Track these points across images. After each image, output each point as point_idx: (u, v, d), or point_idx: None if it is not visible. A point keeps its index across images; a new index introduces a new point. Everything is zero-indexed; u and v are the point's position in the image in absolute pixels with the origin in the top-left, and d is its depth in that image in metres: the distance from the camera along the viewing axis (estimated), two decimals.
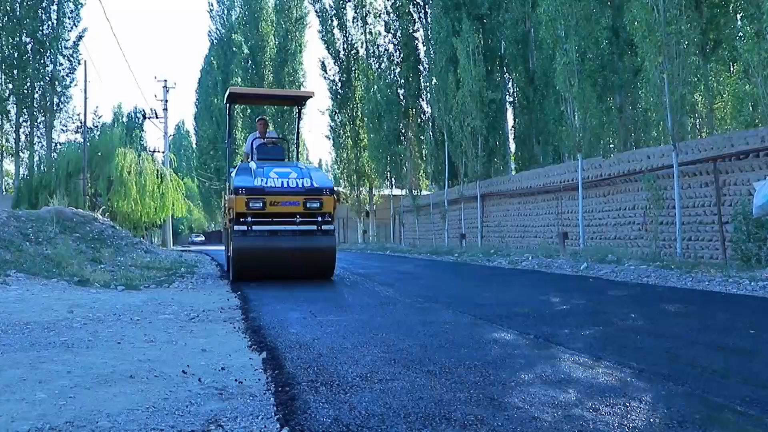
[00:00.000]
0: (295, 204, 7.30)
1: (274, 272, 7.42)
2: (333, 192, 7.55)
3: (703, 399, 2.22)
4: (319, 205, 7.36)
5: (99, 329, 3.96)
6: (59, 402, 2.23)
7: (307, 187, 7.35)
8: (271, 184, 7.24)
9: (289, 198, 7.28)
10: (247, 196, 7.11)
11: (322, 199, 7.38)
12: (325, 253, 7.59)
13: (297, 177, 7.44)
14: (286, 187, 7.30)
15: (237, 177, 7.40)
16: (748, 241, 8.35)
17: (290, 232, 7.33)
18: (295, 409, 2.10)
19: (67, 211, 11.77)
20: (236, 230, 7.19)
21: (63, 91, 24.32)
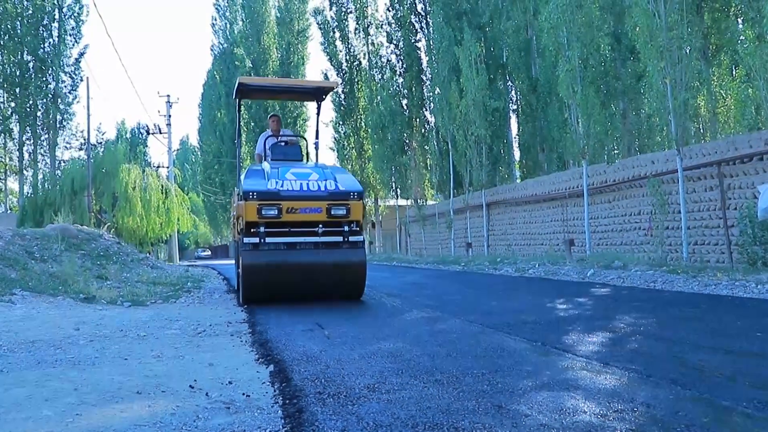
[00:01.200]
0: (317, 211, 6.15)
1: (290, 293, 6.30)
2: (362, 197, 6.36)
3: (710, 402, 2.20)
4: (345, 212, 6.20)
5: (105, 346, 3.97)
6: (66, 419, 2.24)
7: (331, 191, 6.18)
8: (287, 188, 6.12)
9: (310, 204, 6.13)
10: (259, 202, 5.97)
11: (350, 205, 6.22)
12: (354, 269, 6.36)
13: (319, 179, 6.32)
14: (306, 190, 6.16)
15: (247, 180, 6.29)
16: (754, 244, 8.31)
17: (311, 245, 6.19)
18: (302, 422, 2.10)
19: (72, 229, 11.82)
20: (246, 243, 6.03)
21: (66, 108, 24.54)
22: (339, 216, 6.19)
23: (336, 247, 6.26)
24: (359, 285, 6.48)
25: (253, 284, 6.19)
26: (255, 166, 7.09)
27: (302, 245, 6.17)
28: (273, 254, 6.06)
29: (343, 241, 6.25)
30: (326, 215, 6.16)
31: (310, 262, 6.17)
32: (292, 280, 6.17)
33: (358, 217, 6.31)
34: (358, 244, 6.35)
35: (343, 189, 6.26)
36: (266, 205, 5.99)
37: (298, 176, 6.32)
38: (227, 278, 12.63)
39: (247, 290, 6.26)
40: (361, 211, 6.34)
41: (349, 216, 6.23)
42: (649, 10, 10.21)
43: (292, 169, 6.46)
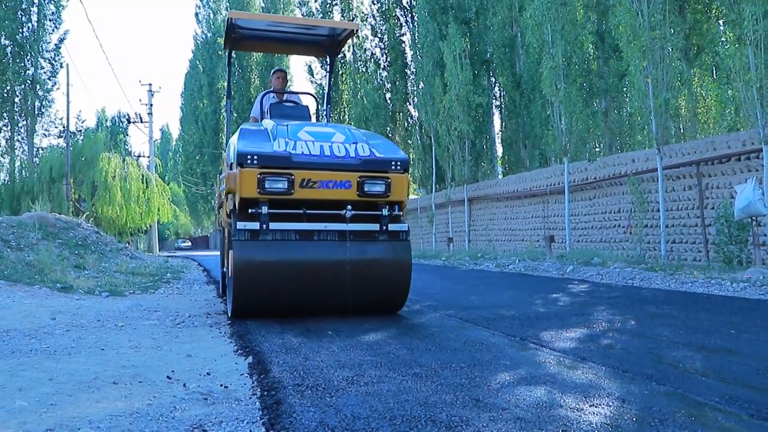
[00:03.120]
0: (344, 186, 4.29)
1: (303, 305, 4.45)
2: (407, 168, 4.54)
3: (684, 398, 2.25)
4: (384, 189, 4.37)
5: (82, 336, 3.92)
6: (40, 409, 2.21)
7: (365, 158, 4.37)
8: (302, 151, 4.27)
9: (334, 175, 4.27)
10: (260, 170, 4.12)
11: (390, 179, 4.38)
12: (395, 271, 4.50)
13: (346, 141, 4.50)
14: (330, 156, 4.31)
15: (243, 140, 4.34)
16: (730, 243, 8.47)
17: (335, 235, 4.35)
18: (280, 413, 2.09)
19: (50, 217, 11.63)
20: (240, 230, 4.15)
21: (45, 95, 24.01)
22: (375, 194, 4.35)
23: (370, 239, 4.45)
24: (400, 294, 4.59)
25: (248, 291, 4.22)
26: (251, 125, 5.24)
27: (322, 235, 4.32)
28: (279, 247, 4.23)
29: (380, 231, 4.43)
30: (357, 192, 4.31)
31: (333, 261, 4.31)
32: (305, 286, 4.29)
33: (402, 197, 4.46)
34: (400, 235, 4.50)
35: (382, 156, 4.42)
36: (272, 174, 4.12)
37: (316, 137, 4.46)
38: (207, 269, 12.55)
39: (239, 299, 4.29)
40: (406, 188, 4.51)
41: (389, 194, 4.38)
42: (633, 9, 10.31)
43: (306, 127, 4.61)
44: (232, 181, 4.26)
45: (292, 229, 4.27)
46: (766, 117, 8.27)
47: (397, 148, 4.77)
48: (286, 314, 4.42)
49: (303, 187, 4.20)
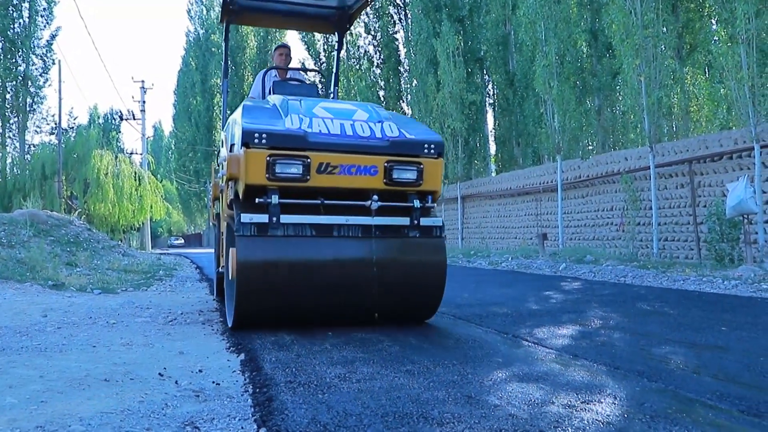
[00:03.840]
0: (369, 172, 3.66)
1: (318, 313, 3.79)
2: (442, 152, 3.86)
3: (675, 394, 2.26)
4: (416, 177, 3.72)
5: (74, 333, 3.90)
6: (30, 407, 2.19)
7: (394, 139, 3.72)
8: (319, 129, 3.66)
9: (358, 159, 3.63)
10: (270, 152, 3.48)
11: (423, 165, 3.74)
12: (429, 274, 3.85)
13: (369, 119, 3.86)
14: (353, 136, 3.69)
15: (248, 117, 3.70)
16: (722, 241, 8.52)
17: (358, 230, 3.71)
18: (272, 410, 2.09)
19: (42, 214, 11.56)
20: (244, 223, 3.50)
21: (36, 91, 23.84)
22: (405, 182, 3.71)
23: (399, 236, 3.79)
24: (433, 300, 3.91)
25: (253, 298, 3.54)
26: (255, 101, 4.54)
27: (343, 230, 3.68)
28: (292, 245, 3.57)
29: (410, 226, 3.78)
30: (384, 180, 3.67)
31: (357, 261, 3.68)
32: (323, 293, 3.64)
33: (436, 186, 3.83)
34: (433, 230, 3.84)
35: (413, 137, 3.77)
36: (283, 156, 3.48)
37: (335, 114, 3.84)
38: (200, 267, 12.52)
39: (242, 307, 3.58)
40: (441, 175, 3.88)
41: (420, 183, 3.73)
42: (626, 7, 10.35)
43: (322, 103, 3.98)
44: (235, 165, 3.59)
45: (308, 223, 3.59)
46: (758, 116, 8.32)
47: (428, 128, 4.08)
48: (297, 326, 3.71)
49: (320, 172, 3.54)
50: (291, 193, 3.59)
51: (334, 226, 3.67)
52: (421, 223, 3.81)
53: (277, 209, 3.51)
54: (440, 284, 3.88)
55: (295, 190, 3.60)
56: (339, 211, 3.71)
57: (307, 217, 3.61)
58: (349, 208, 3.72)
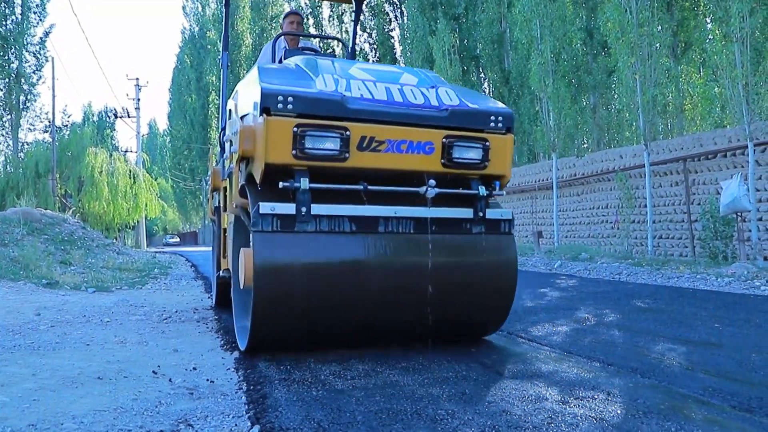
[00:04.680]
0: (423, 149, 2.89)
1: (360, 333, 2.99)
2: (511, 127, 3.10)
3: (668, 390, 2.27)
4: (480, 156, 2.99)
5: (67, 331, 3.88)
6: (22, 405, 2.18)
7: (454, 108, 2.96)
8: (361, 93, 2.88)
9: (410, 133, 2.86)
10: (298, 120, 2.69)
11: (489, 142, 3.00)
12: (497, 280, 3.09)
13: (420, 84, 3.11)
14: (403, 103, 2.92)
15: (267, 78, 2.88)
16: (716, 238, 8.56)
17: (410, 223, 2.92)
18: (266, 407, 2.09)
19: (36, 213, 11.51)
20: (263, 215, 2.68)
21: (29, 88, 23.71)
22: (468, 163, 2.96)
23: (460, 232, 3.01)
24: (500, 314, 3.16)
25: (275, 313, 2.71)
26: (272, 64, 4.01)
27: (391, 224, 2.87)
28: (326, 244, 2.76)
29: (474, 219, 3.01)
30: (442, 160, 2.91)
31: (409, 265, 2.89)
32: (366, 306, 2.85)
33: (504, 169, 3.07)
34: (501, 225, 3.09)
35: (477, 107, 3.01)
36: (316, 127, 2.69)
37: (377, 76, 3.08)
38: (195, 265, 12.50)
39: (260, 326, 2.74)
40: (510, 156, 3.14)
41: (486, 165, 2.99)
42: (621, 5, 10.37)
43: (358, 65, 3.23)
44: (250, 139, 2.76)
45: (347, 216, 2.77)
46: (752, 114, 8.35)
47: (489, 98, 3.38)
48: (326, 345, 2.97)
49: (362, 149, 2.74)
50: (323, 176, 2.77)
51: (380, 219, 2.82)
52: (486, 215, 3.01)
53: (308, 197, 2.67)
54: (510, 293, 3.08)
55: (329, 172, 2.78)
56: (384, 199, 2.88)
57: (345, 207, 2.77)
58: (397, 196, 2.91)
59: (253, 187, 2.85)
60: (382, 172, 2.89)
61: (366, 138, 2.76)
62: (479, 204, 3.01)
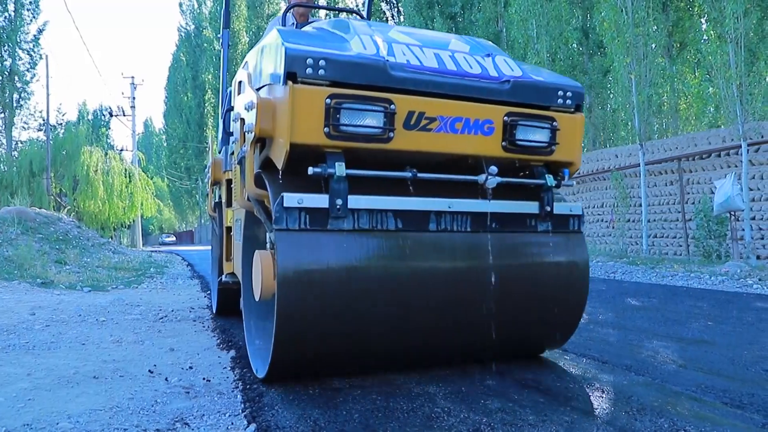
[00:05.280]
0: (482, 129, 2.37)
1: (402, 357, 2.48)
2: (581, 104, 2.61)
3: (662, 387, 2.29)
4: (548, 139, 2.51)
5: (62, 331, 3.88)
6: (17, 405, 2.18)
7: (515, 80, 2.44)
8: (406, 59, 2.33)
9: (466, 108, 2.34)
10: (332, 90, 2.13)
11: (556, 122, 2.51)
12: (567, 286, 2.58)
13: (473, 52, 2.59)
14: (457, 71, 2.38)
15: (292, 37, 2.29)
16: (709, 237, 8.61)
17: (467, 221, 2.42)
18: (262, 406, 2.09)
19: (30, 212, 11.48)
20: (288, 209, 2.13)
21: (23, 86, 23.58)
22: (533, 147, 2.50)
23: (523, 228, 2.55)
24: (571, 322, 2.67)
25: (303, 331, 2.17)
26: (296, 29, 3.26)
27: (443, 221, 2.39)
28: (367, 245, 2.24)
29: (541, 214, 2.55)
30: (503, 143, 2.44)
31: (466, 270, 2.41)
32: (414, 323, 2.35)
33: (573, 155, 2.61)
34: (570, 222, 2.64)
35: (542, 79, 2.55)
36: (354, 99, 2.19)
37: (423, 41, 2.56)
38: (191, 264, 12.47)
39: (284, 347, 2.18)
40: (581, 139, 2.67)
41: (553, 149, 2.54)
42: (617, 6, 10.40)
43: (397, 28, 2.71)
44: (268, 114, 2.24)
45: (391, 210, 2.26)
46: (746, 114, 8.40)
47: (548, 70, 2.89)
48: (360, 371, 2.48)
49: (410, 127, 2.25)
50: (357, 161, 2.25)
51: (431, 214, 2.33)
52: (553, 209, 2.54)
53: (344, 186, 2.16)
54: (581, 303, 2.61)
55: (367, 157, 2.29)
56: (435, 190, 2.39)
57: (390, 200, 2.26)
58: (449, 186, 2.42)
59: (272, 175, 2.31)
60: (430, 157, 2.36)
61: (414, 114, 2.25)
62: (546, 196, 2.53)
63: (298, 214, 2.14)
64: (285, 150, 2.14)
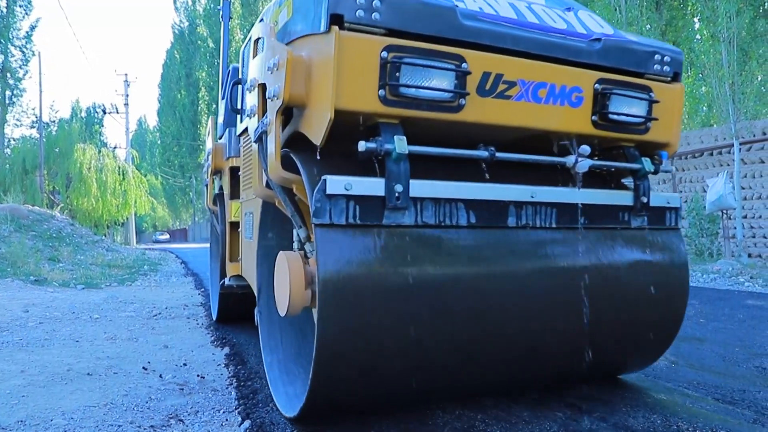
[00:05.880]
0: (569, 98, 1.89)
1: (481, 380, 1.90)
2: (680, 74, 2.13)
3: (654, 384, 2.31)
4: (645, 113, 2.03)
5: (56, 328, 3.87)
6: (11, 401, 2.18)
7: (607, 39, 1.97)
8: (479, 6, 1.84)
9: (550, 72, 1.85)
10: (390, 40, 1.63)
11: (654, 92, 2.04)
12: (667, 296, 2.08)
13: (549, 4, 2.11)
14: (540, 26, 1.90)
15: None
16: (701, 236, 8.67)
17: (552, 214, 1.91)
18: (256, 403, 2.10)
19: (23, 209, 11.42)
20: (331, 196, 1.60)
21: (16, 83, 23.45)
22: (627, 123, 2.03)
23: (615, 223, 2.05)
24: (669, 334, 2.19)
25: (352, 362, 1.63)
26: None
27: (524, 215, 1.87)
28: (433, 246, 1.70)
29: (636, 206, 2.07)
30: (593, 117, 1.97)
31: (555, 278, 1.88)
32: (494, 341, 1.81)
33: (670, 135, 2.15)
34: (666, 215, 2.16)
35: (636, 40, 2.08)
36: (418, 52, 1.66)
37: None
38: (185, 261, 12.44)
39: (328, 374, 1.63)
40: (680, 114, 2.22)
41: (648, 127, 2.09)
42: (611, 4, 10.44)
43: None
44: (300, 74, 1.75)
45: (461, 200, 1.77)
46: (738, 113, 8.45)
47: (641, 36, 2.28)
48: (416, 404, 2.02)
49: (485, 93, 1.77)
50: (419, 135, 1.77)
51: (510, 206, 1.85)
52: (649, 200, 2.09)
53: (405, 168, 1.66)
54: (680, 311, 2.15)
55: (431, 130, 1.81)
56: (507, 176, 1.92)
57: (460, 187, 1.76)
58: (523, 171, 2.00)
59: (304, 154, 1.81)
60: (503, 133, 1.88)
61: (490, 76, 1.76)
62: (643, 185, 2.07)
63: (346, 204, 1.63)
64: (327, 119, 1.62)
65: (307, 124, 1.77)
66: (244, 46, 2.79)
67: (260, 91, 2.04)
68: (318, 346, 1.56)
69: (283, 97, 1.75)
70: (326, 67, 1.63)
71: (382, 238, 1.64)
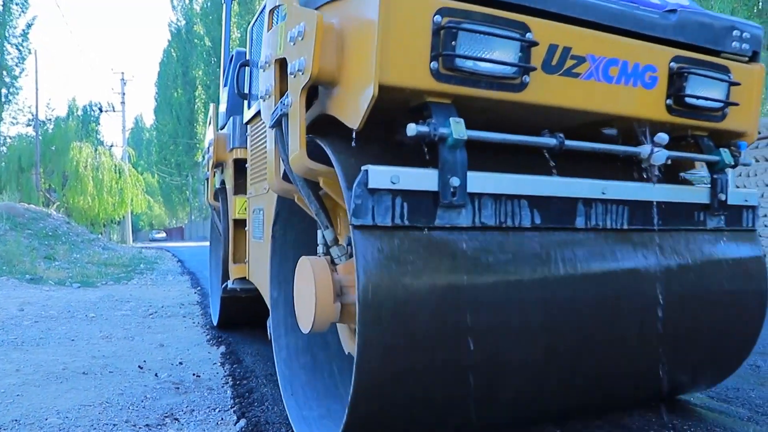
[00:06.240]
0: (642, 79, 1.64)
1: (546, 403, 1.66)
2: (759, 53, 1.86)
3: None
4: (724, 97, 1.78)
5: (51, 327, 3.86)
6: (5, 400, 2.17)
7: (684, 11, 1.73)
8: None
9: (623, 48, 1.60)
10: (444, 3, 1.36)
11: (732, 73, 1.77)
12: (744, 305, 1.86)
13: None
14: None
15: None
16: None
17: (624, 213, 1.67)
18: (252, 402, 2.10)
19: (19, 207, 11.39)
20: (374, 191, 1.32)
21: (12, 81, 23.36)
22: (704, 108, 1.75)
23: (690, 223, 1.81)
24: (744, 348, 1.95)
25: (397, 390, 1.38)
26: None
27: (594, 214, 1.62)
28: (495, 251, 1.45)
29: (712, 205, 1.82)
30: (667, 100, 1.69)
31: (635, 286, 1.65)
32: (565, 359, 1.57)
33: (749, 123, 1.88)
34: (743, 216, 1.92)
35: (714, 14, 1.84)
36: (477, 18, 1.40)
37: None
38: (181, 260, 12.43)
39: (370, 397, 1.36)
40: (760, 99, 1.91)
41: (725, 113, 1.81)
42: None
43: None
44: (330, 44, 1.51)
45: (525, 196, 1.53)
46: None
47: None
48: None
49: (551, 69, 1.52)
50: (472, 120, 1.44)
51: (578, 203, 1.61)
52: (727, 198, 1.86)
53: (464, 158, 1.40)
54: (758, 322, 1.92)
55: (488, 112, 1.56)
56: (571, 169, 1.67)
57: (524, 180, 1.52)
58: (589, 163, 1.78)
59: (335, 141, 1.55)
60: (570, 117, 1.64)
61: (557, 49, 1.51)
62: (720, 181, 1.83)
63: (392, 200, 1.35)
64: (369, 96, 1.34)
65: (339, 105, 1.50)
66: (253, 23, 2.58)
67: (278, 67, 1.77)
68: (357, 372, 1.29)
69: (311, 71, 1.47)
70: (367, 34, 1.36)
71: (435, 242, 1.37)
